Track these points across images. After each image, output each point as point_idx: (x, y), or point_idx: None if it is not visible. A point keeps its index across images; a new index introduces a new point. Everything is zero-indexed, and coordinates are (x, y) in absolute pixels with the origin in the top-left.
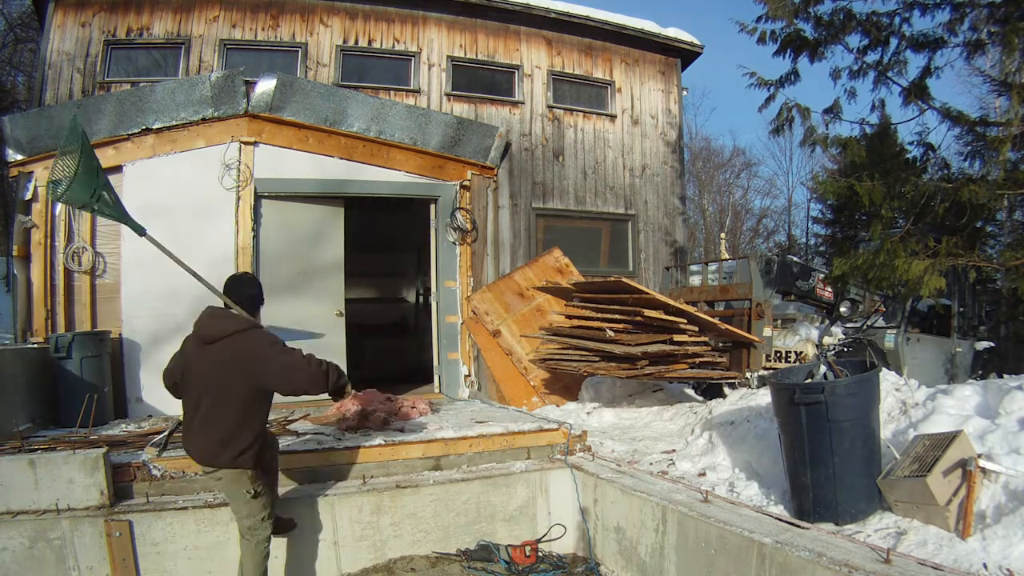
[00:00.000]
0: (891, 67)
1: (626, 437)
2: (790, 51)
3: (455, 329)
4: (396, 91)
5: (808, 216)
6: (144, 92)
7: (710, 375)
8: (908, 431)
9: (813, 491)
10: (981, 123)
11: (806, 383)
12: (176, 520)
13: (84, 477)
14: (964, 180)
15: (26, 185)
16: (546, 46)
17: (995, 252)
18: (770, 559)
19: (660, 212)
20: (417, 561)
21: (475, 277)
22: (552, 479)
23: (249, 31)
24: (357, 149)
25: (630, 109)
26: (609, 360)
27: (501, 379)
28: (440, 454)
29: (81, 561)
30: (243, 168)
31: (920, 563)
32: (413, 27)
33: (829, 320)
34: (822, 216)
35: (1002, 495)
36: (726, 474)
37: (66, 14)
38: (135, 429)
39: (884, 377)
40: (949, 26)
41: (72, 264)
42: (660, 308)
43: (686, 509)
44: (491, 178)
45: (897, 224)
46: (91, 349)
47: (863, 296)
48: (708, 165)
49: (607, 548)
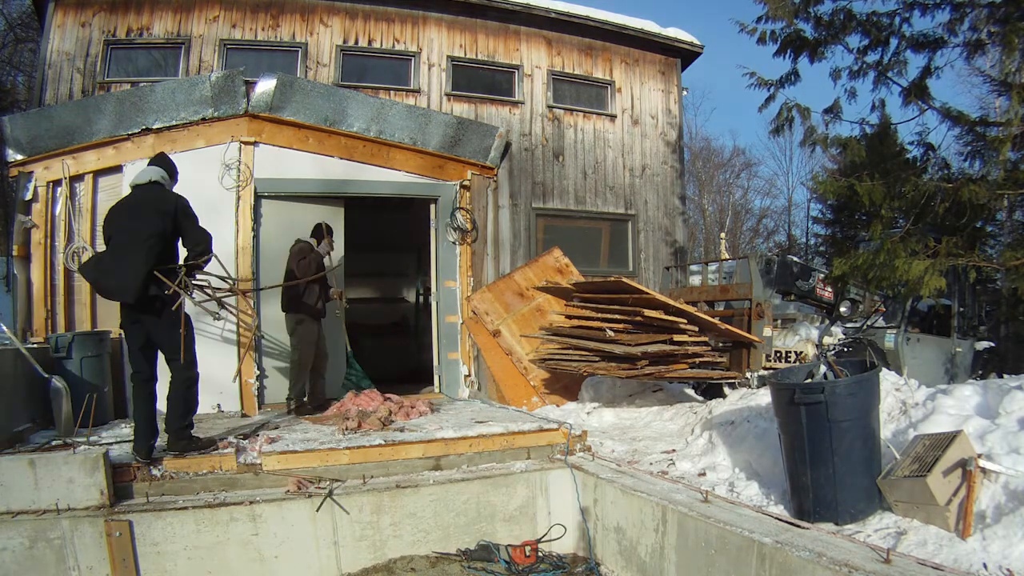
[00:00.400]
0: (891, 67)
1: (626, 437)
2: (790, 51)
3: (455, 329)
4: (396, 91)
5: (808, 216)
6: (144, 92)
7: (710, 375)
8: (908, 431)
9: (813, 491)
10: (981, 123)
11: (806, 383)
12: (176, 520)
13: (84, 477)
14: (964, 180)
15: (26, 185)
16: (546, 46)
17: (995, 252)
18: (770, 559)
19: (660, 212)
20: (417, 561)
21: (475, 277)
22: (552, 479)
23: (249, 31)
24: (357, 149)
25: (630, 109)
26: (609, 360)
27: (501, 379)
28: (440, 454)
29: (81, 561)
30: (243, 168)
31: (920, 563)
32: (413, 27)
33: (829, 320)
34: (822, 216)
35: (1002, 495)
36: (726, 474)
37: (66, 14)
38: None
39: (884, 377)
40: (949, 26)
41: (72, 264)
42: (660, 308)
43: (686, 509)
44: (491, 178)
45: (897, 224)
46: (91, 349)
47: (863, 296)
48: (708, 165)
49: (607, 548)
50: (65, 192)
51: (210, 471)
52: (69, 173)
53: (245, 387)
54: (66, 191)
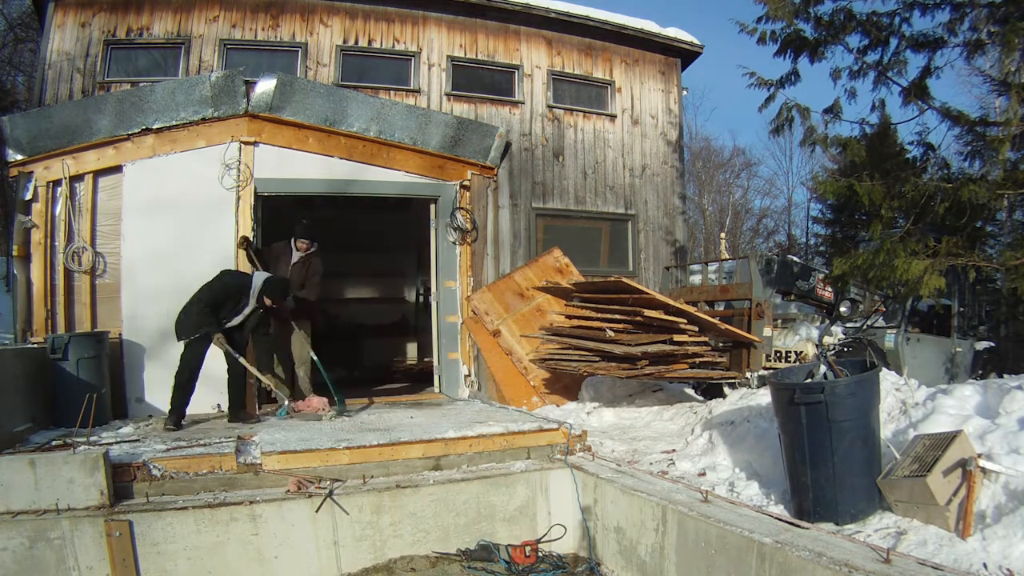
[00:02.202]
0: (891, 67)
1: (626, 437)
2: (790, 51)
3: (455, 329)
4: (396, 91)
5: (808, 216)
6: (144, 92)
7: (710, 375)
8: (908, 431)
9: (813, 491)
10: (981, 123)
11: (806, 383)
12: (176, 520)
13: (84, 477)
14: (964, 180)
15: (26, 185)
16: (546, 46)
17: (995, 252)
18: (770, 559)
19: (660, 212)
20: (417, 561)
21: (475, 277)
22: (552, 479)
23: (249, 31)
24: (357, 149)
25: (630, 109)
26: (609, 360)
27: (501, 379)
28: (440, 454)
29: (81, 561)
30: (243, 168)
31: (920, 563)
32: (413, 27)
33: (829, 320)
34: (822, 216)
35: (1002, 495)
36: (726, 474)
37: (66, 14)
38: (133, 430)
39: (884, 377)
40: (949, 26)
41: (72, 264)
42: (660, 308)
43: (686, 509)
44: (491, 178)
45: (897, 224)
46: (88, 350)
47: (863, 296)
48: (708, 165)
49: (607, 548)
50: (65, 192)
51: (210, 471)
52: (69, 173)
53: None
54: (66, 191)
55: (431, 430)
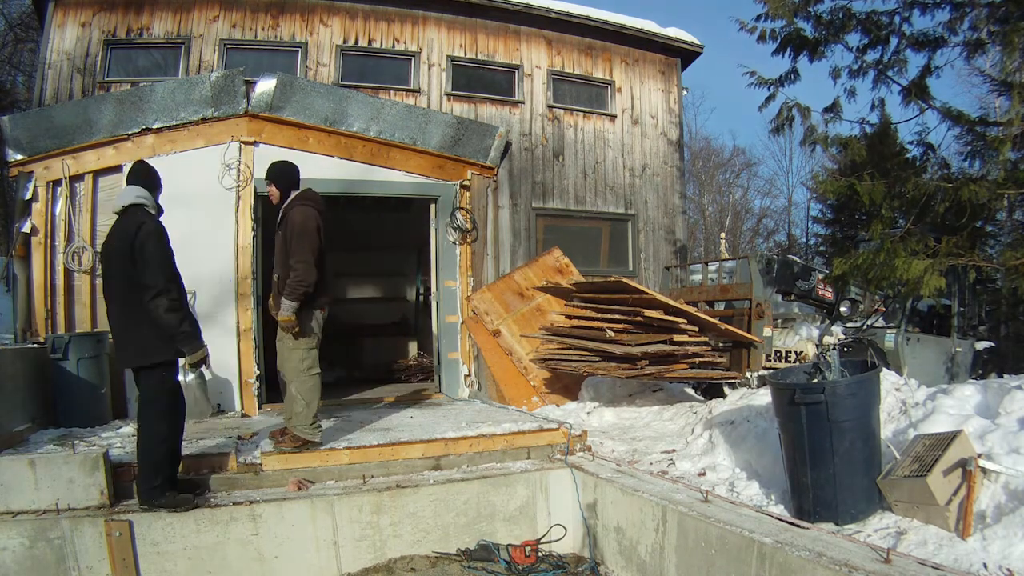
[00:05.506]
0: (891, 66)
1: (626, 437)
2: (790, 50)
3: (455, 329)
4: (396, 91)
5: (808, 216)
6: (144, 92)
7: (710, 375)
8: (908, 431)
9: (813, 491)
10: (981, 123)
11: (806, 383)
12: (176, 520)
13: (84, 477)
14: (964, 180)
15: (26, 185)
16: (546, 46)
17: (995, 252)
18: (770, 559)
19: (660, 212)
20: (417, 561)
21: (475, 277)
22: (552, 479)
23: (249, 31)
24: (357, 149)
25: (630, 109)
26: (609, 360)
27: (501, 379)
28: (440, 454)
29: (81, 561)
30: (243, 168)
31: (920, 563)
32: (413, 27)
33: (829, 320)
34: (822, 216)
35: (1002, 495)
36: (726, 474)
37: (66, 14)
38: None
39: (884, 377)
40: (949, 25)
41: (72, 264)
42: (660, 308)
43: (686, 509)
44: (491, 178)
45: (897, 224)
46: (88, 350)
47: (863, 296)
48: (708, 165)
49: (607, 548)
50: (65, 192)
51: (210, 471)
52: (69, 173)
53: (245, 387)
54: (66, 191)
55: (431, 430)
